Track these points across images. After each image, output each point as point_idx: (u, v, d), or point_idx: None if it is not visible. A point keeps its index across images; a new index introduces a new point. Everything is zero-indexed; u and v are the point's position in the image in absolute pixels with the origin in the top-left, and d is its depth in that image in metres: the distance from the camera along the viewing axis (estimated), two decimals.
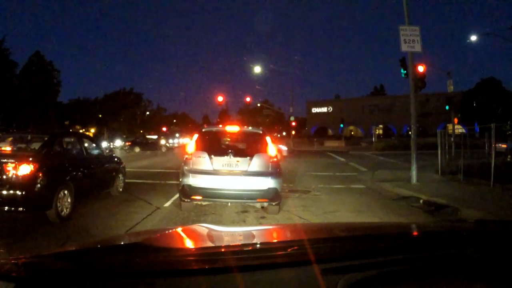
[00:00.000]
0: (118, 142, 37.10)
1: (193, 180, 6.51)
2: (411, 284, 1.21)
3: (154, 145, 34.65)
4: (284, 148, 17.33)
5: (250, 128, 7.63)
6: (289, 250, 1.26)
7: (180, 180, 6.77)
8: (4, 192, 5.52)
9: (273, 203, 6.56)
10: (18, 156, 5.90)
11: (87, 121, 64.00)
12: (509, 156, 13.11)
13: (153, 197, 8.39)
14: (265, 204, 6.68)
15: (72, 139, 7.91)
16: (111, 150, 10.72)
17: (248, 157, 6.65)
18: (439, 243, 1.46)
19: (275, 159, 6.82)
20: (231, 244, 1.57)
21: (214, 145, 6.99)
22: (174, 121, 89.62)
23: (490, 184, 9.59)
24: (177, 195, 7.69)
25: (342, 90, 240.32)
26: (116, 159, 9.11)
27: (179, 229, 1.88)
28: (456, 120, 24.49)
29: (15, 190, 5.54)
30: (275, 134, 68.43)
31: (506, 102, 45.95)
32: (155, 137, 40.62)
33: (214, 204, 7.14)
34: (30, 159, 5.78)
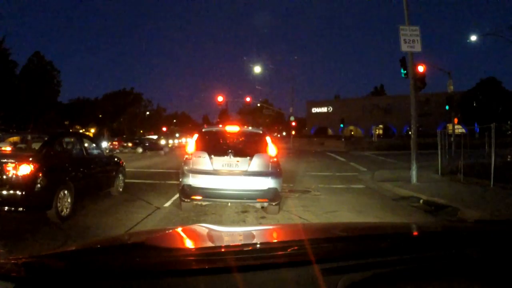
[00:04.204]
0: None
1: (193, 180, 6.51)
2: (411, 284, 1.21)
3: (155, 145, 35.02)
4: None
5: (250, 128, 7.62)
6: (289, 250, 1.26)
7: (180, 180, 6.77)
8: (4, 192, 5.52)
9: (273, 203, 6.56)
10: (18, 156, 5.90)
11: (87, 121, 64.00)
12: (509, 156, 13.08)
13: (153, 197, 8.39)
14: (265, 204, 6.68)
15: (72, 139, 7.91)
16: (111, 150, 10.70)
17: (248, 157, 6.65)
18: (439, 243, 1.46)
19: (275, 159, 6.82)
20: (231, 244, 1.57)
21: (214, 145, 6.98)
22: (174, 121, 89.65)
23: (490, 184, 9.59)
24: (177, 195, 7.69)
25: (342, 90, 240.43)
26: (116, 159, 9.11)
27: (179, 229, 1.88)
28: (456, 120, 24.47)
29: (15, 190, 5.54)
30: (275, 134, 68.48)
31: (506, 102, 45.95)
32: (155, 137, 40.80)
33: (214, 204, 7.14)
34: (30, 159, 5.78)
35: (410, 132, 15.97)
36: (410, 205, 8.13)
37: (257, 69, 34.00)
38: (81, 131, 51.33)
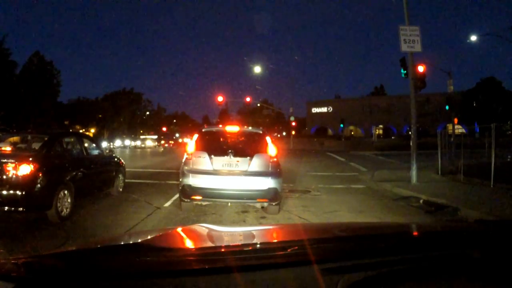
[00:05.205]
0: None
1: (193, 180, 6.51)
2: (411, 284, 1.21)
3: None
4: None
5: (250, 128, 7.63)
6: (289, 250, 1.26)
7: (180, 180, 6.77)
8: (4, 192, 5.51)
9: (273, 203, 6.56)
10: (18, 156, 5.90)
11: (87, 121, 64.02)
12: (509, 156, 13.09)
13: (153, 197, 8.39)
14: (265, 204, 6.68)
15: (72, 139, 7.91)
16: (111, 150, 10.71)
17: (248, 157, 6.64)
18: (439, 243, 1.46)
19: (275, 159, 6.81)
20: (231, 244, 1.57)
21: (214, 145, 6.98)
22: (174, 121, 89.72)
23: (490, 184, 9.59)
24: (177, 195, 7.69)
25: (342, 90, 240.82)
26: (116, 159, 9.11)
27: (179, 229, 1.88)
28: (456, 120, 24.43)
29: (15, 190, 5.54)
30: (275, 134, 68.48)
31: (506, 102, 45.98)
32: (155, 137, 41.19)
33: (214, 204, 7.14)
34: (30, 159, 5.78)
35: (410, 132, 15.97)
36: (410, 205, 8.12)
37: (257, 69, 34.05)
38: (81, 131, 51.36)
